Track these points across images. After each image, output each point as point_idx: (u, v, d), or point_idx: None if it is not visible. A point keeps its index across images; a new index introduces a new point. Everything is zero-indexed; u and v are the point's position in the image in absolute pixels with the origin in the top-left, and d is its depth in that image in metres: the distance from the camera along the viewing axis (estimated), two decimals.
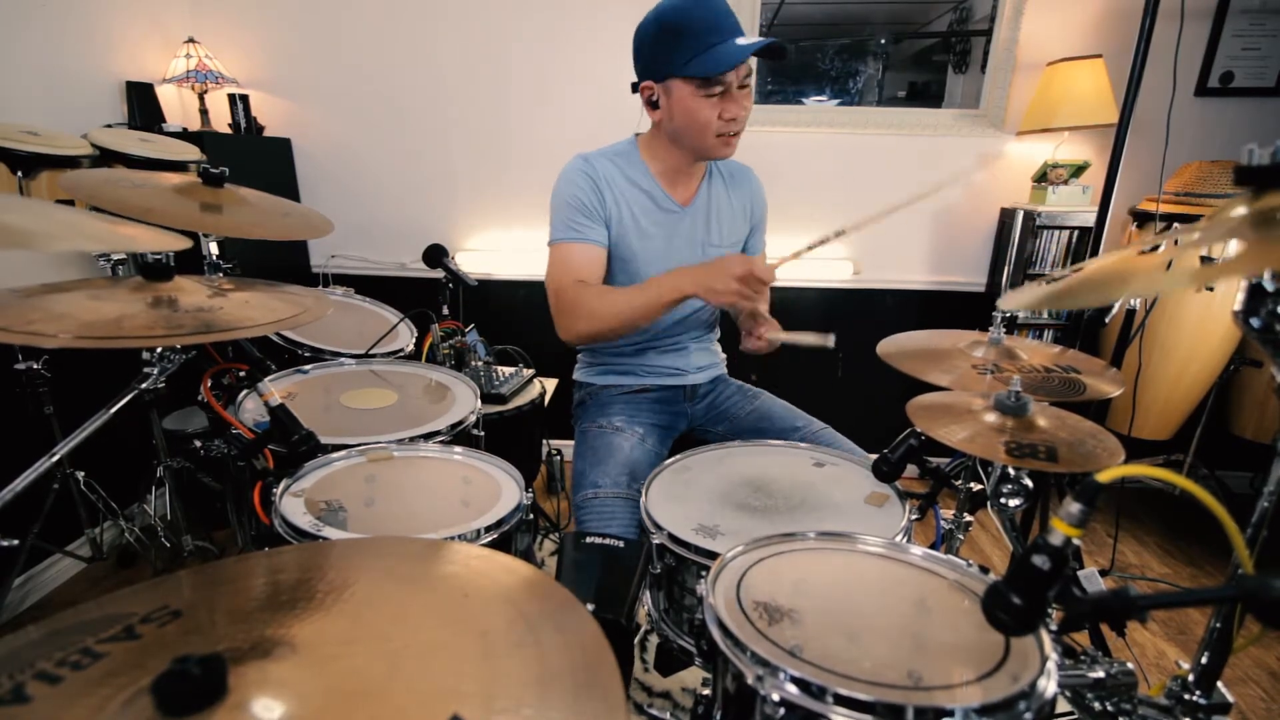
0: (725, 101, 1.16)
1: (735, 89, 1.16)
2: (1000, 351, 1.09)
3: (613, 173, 1.28)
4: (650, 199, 1.30)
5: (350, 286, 2.10)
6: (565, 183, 1.27)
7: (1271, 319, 0.56)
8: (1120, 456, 0.82)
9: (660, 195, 1.30)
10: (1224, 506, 0.50)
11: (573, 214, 1.25)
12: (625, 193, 1.28)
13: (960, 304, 2.54)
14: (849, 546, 0.79)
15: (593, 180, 1.25)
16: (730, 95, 1.16)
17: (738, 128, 1.20)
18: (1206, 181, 2.05)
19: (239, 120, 2.33)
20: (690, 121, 1.18)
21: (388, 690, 0.42)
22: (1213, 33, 2.23)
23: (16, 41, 1.81)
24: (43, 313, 0.76)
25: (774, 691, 0.56)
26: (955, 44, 2.58)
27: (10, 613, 1.75)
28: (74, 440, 0.89)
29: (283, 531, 0.85)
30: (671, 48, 1.14)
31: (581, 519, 1.14)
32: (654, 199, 1.30)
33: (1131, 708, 0.66)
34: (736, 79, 1.15)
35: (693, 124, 1.18)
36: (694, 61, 1.12)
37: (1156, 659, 1.72)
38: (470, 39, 2.38)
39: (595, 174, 1.26)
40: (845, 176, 2.47)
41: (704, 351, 1.46)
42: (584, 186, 1.25)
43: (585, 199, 1.25)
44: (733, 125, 1.19)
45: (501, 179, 2.51)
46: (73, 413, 1.55)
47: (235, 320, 0.84)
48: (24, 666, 0.43)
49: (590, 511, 1.13)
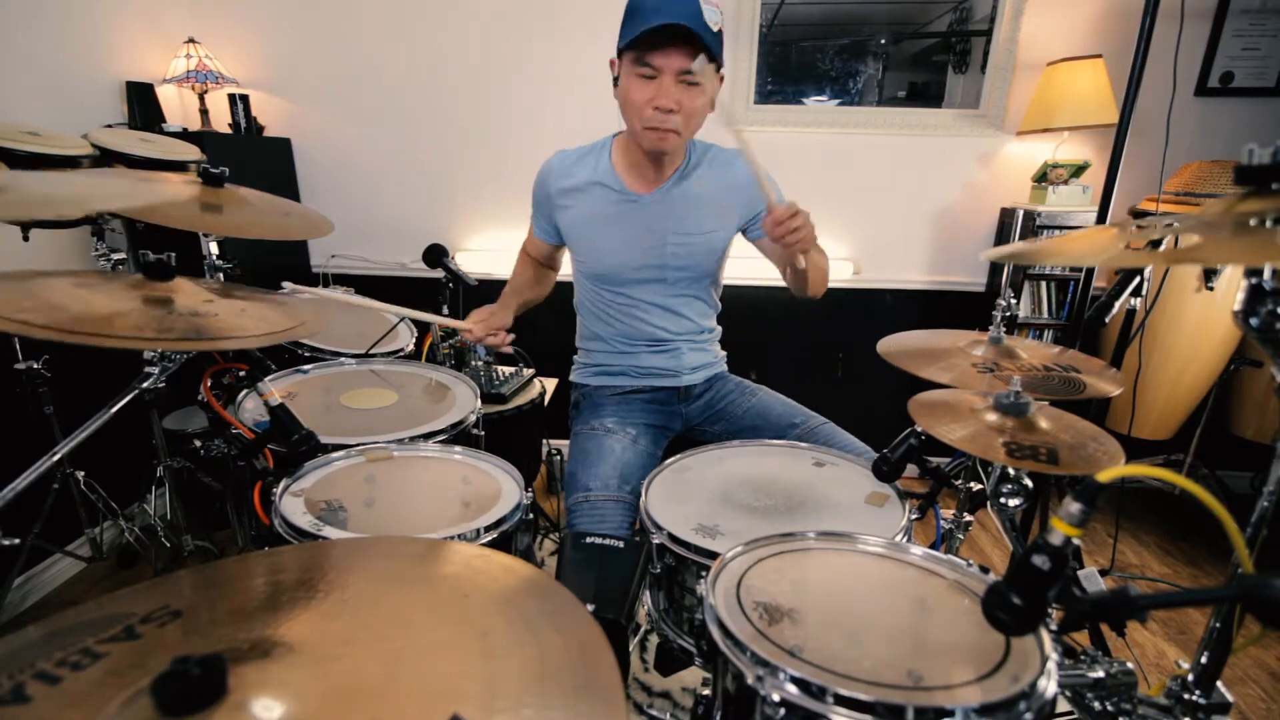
0: (658, 89, 1.16)
1: (672, 81, 1.15)
2: (1000, 351, 1.09)
3: (575, 168, 1.36)
4: (609, 189, 1.34)
5: (350, 286, 2.10)
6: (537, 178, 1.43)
7: (1271, 319, 0.56)
8: (1121, 460, 0.82)
9: (617, 185, 1.34)
10: (1224, 506, 0.50)
11: (534, 206, 1.45)
12: (581, 187, 1.35)
13: (960, 304, 2.54)
14: (849, 546, 0.79)
15: (544, 180, 1.39)
16: (662, 84, 1.15)
17: (669, 122, 1.17)
18: (1206, 181, 2.05)
19: (239, 120, 2.33)
20: (625, 99, 1.21)
21: (388, 690, 0.42)
22: (1213, 33, 2.23)
23: (16, 41, 1.81)
24: (36, 302, 0.75)
25: (774, 691, 0.56)
26: (955, 44, 2.58)
27: (10, 613, 1.75)
28: (74, 440, 0.89)
29: (283, 531, 0.85)
30: (626, 22, 1.17)
31: (573, 522, 1.14)
32: (613, 189, 1.34)
33: (1131, 708, 0.66)
34: (668, 67, 1.14)
35: (627, 102, 1.21)
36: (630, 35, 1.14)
37: (1156, 659, 1.72)
38: (471, 39, 2.38)
39: (550, 172, 1.38)
40: (845, 176, 2.47)
41: (699, 352, 1.45)
42: (536, 185, 1.42)
43: (536, 197, 1.43)
44: (661, 117, 1.17)
45: (501, 179, 2.52)
46: (73, 413, 1.55)
47: (227, 329, 0.83)
48: (24, 666, 0.43)
49: (581, 514, 1.13)
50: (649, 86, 1.16)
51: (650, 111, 1.17)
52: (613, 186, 1.33)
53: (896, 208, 2.50)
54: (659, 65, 1.14)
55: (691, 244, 1.36)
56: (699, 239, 1.37)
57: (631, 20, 1.15)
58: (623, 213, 1.34)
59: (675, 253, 1.35)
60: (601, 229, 1.35)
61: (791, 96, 2.57)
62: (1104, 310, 1.02)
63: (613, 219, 1.34)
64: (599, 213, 1.34)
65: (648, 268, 1.35)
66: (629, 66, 1.17)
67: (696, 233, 1.36)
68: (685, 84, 1.16)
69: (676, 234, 1.34)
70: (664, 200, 1.33)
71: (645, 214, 1.33)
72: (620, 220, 1.34)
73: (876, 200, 2.50)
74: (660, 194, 1.33)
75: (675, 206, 1.34)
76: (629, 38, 1.14)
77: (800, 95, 2.58)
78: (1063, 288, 2.37)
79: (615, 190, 1.33)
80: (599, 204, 1.34)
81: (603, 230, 1.35)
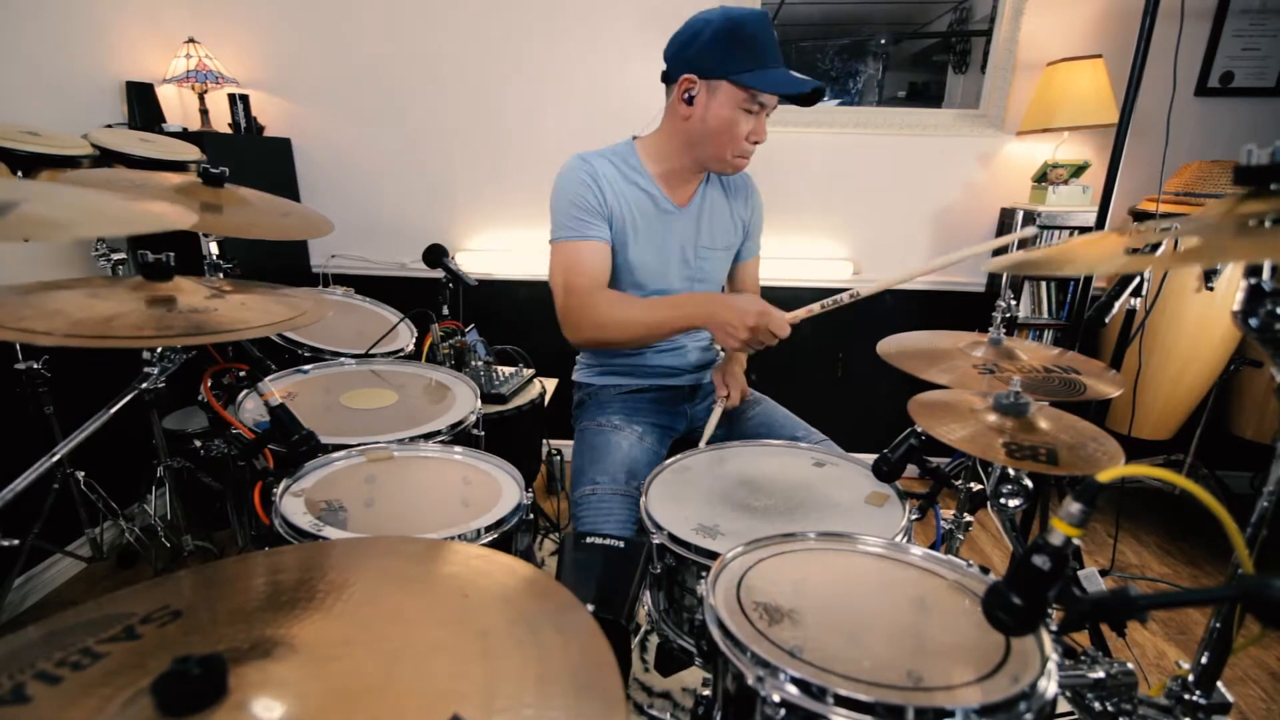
0: (756, 123, 1.20)
1: (765, 115, 1.20)
2: (1000, 352, 1.09)
3: (612, 172, 1.27)
4: (649, 199, 1.30)
5: (350, 286, 2.10)
6: (567, 181, 1.26)
7: (1271, 319, 0.56)
8: (1121, 460, 0.82)
9: (659, 196, 1.30)
10: (1224, 506, 0.50)
11: (577, 211, 1.24)
12: (624, 191, 1.28)
13: (960, 304, 2.54)
14: (849, 547, 0.79)
15: (593, 179, 1.25)
16: (761, 120, 1.20)
17: (752, 151, 1.24)
18: (1206, 181, 2.05)
19: (239, 120, 2.33)
20: (722, 128, 1.19)
21: (387, 690, 0.42)
22: (1213, 33, 2.23)
23: (17, 41, 1.81)
24: (36, 310, 0.76)
25: (774, 692, 0.56)
26: (955, 44, 2.58)
27: (10, 613, 1.75)
28: (74, 440, 0.89)
29: (283, 531, 0.85)
30: (735, 50, 1.14)
31: (578, 515, 1.14)
32: (653, 199, 1.30)
33: (1131, 708, 0.66)
34: (771, 105, 1.19)
35: (723, 131, 1.19)
36: (756, 73, 1.14)
37: (1156, 659, 1.72)
38: (471, 39, 2.38)
39: (595, 173, 1.25)
40: (845, 176, 2.47)
41: (704, 352, 1.47)
42: (587, 183, 1.24)
43: (589, 196, 1.24)
44: (752, 148, 1.23)
45: (501, 179, 2.51)
46: (73, 413, 1.55)
47: (228, 322, 0.84)
48: (24, 666, 0.43)
49: (587, 508, 1.13)
50: (750, 120, 1.19)
51: (747, 144, 1.21)
52: (654, 195, 1.31)
53: (896, 208, 2.50)
54: (767, 103, 1.18)
55: (714, 257, 1.39)
56: (721, 252, 1.40)
57: (743, 52, 1.14)
58: (662, 224, 1.32)
59: (700, 265, 1.37)
60: (641, 238, 1.30)
61: None
62: (1104, 310, 1.02)
63: (652, 229, 1.31)
64: (641, 222, 1.30)
65: (675, 278, 1.35)
66: (736, 96, 1.16)
67: (720, 246, 1.39)
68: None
69: (704, 247, 1.36)
70: (696, 213, 1.34)
71: (680, 226, 1.33)
72: (658, 231, 1.31)
73: (876, 200, 2.50)
74: (692, 207, 1.34)
75: (704, 220, 1.35)
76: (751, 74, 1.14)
77: None
78: (1062, 288, 2.37)
79: (656, 199, 1.31)
80: (641, 212, 1.29)
81: (642, 239, 1.30)
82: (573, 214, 1.24)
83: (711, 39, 1.16)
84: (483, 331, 1.85)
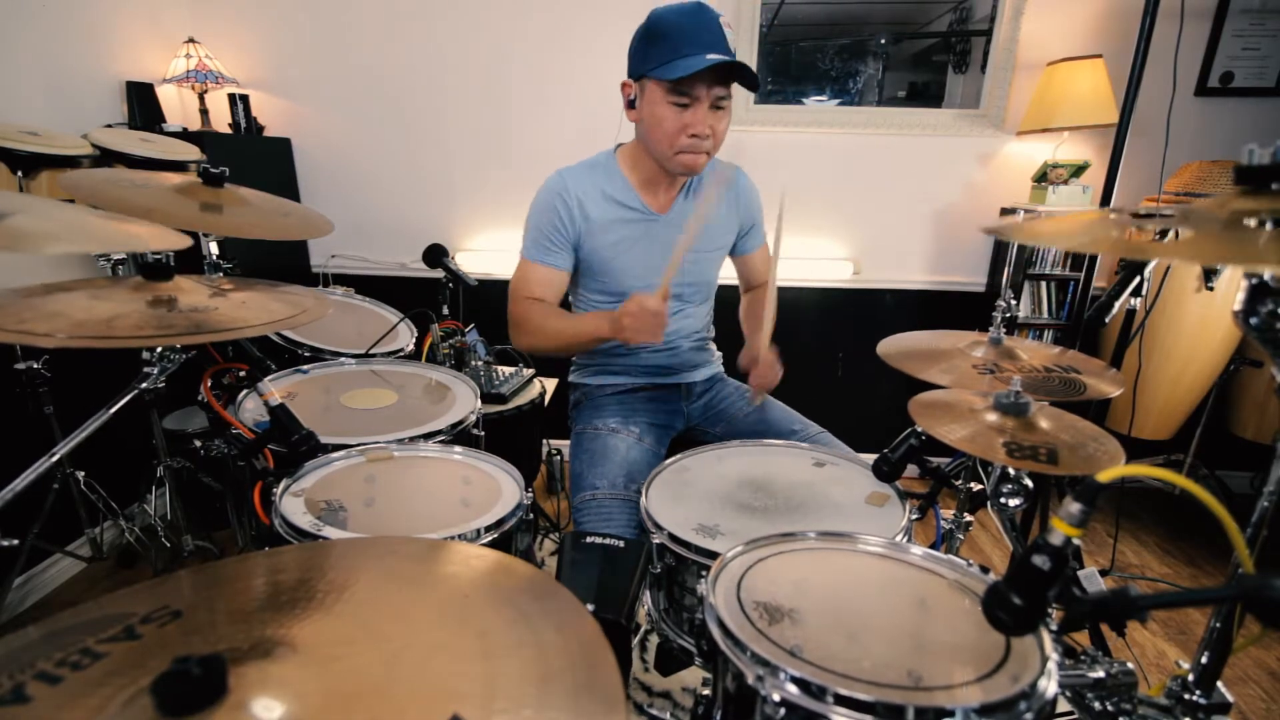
0: (692, 115, 1.16)
1: (707, 107, 1.16)
2: (1000, 352, 1.09)
3: (587, 187, 1.28)
4: (626, 208, 1.30)
5: (350, 286, 2.10)
6: (539, 203, 1.30)
7: (1271, 319, 0.56)
8: (1121, 460, 0.82)
9: (637, 204, 1.30)
10: (1224, 506, 0.50)
11: (541, 236, 1.29)
12: (598, 206, 1.28)
13: (960, 304, 2.54)
14: (849, 546, 0.79)
15: (564, 201, 1.27)
16: (697, 110, 1.16)
17: (703, 146, 1.19)
18: (1206, 181, 2.05)
19: (239, 120, 2.33)
20: (655, 126, 1.19)
21: (388, 690, 0.42)
22: (1213, 33, 2.23)
23: (17, 41, 1.81)
24: (36, 312, 0.76)
25: (774, 691, 0.56)
26: (955, 44, 2.59)
27: (10, 613, 1.75)
28: (74, 440, 0.89)
29: (283, 531, 0.85)
30: (650, 47, 1.15)
31: (580, 520, 1.14)
32: (630, 208, 1.30)
33: (1131, 708, 0.66)
34: (708, 96, 1.15)
35: (656, 129, 1.19)
36: (665, 65, 1.12)
37: (1156, 659, 1.72)
38: (471, 39, 2.38)
39: (568, 193, 1.27)
40: (845, 176, 2.47)
41: (698, 351, 1.46)
42: (556, 208, 1.27)
43: (556, 221, 1.27)
44: (696, 142, 1.18)
45: (501, 179, 2.51)
46: (73, 413, 1.54)
47: (228, 321, 0.84)
48: (24, 666, 0.43)
49: (588, 513, 1.13)
50: (683, 114, 1.16)
51: (685, 139, 1.17)
52: (633, 205, 1.30)
53: (896, 208, 2.50)
54: (698, 95, 1.14)
55: (704, 259, 1.38)
56: (711, 255, 1.40)
57: (658, 46, 1.13)
58: (645, 233, 1.31)
59: (690, 269, 1.36)
60: (626, 251, 1.31)
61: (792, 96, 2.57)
62: (1104, 310, 1.02)
63: (636, 240, 1.31)
64: (623, 233, 1.30)
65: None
66: (660, 94, 1.15)
67: (709, 249, 1.38)
68: (716, 108, 1.17)
69: (692, 251, 1.34)
70: (679, 218, 1.33)
71: (664, 232, 1.32)
72: (642, 241, 1.31)
73: (876, 200, 2.50)
74: (675, 212, 1.33)
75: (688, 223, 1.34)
76: (661, 66, 1.12)
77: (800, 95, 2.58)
78: (1062, 288, 2.37)
79: (636, 209, 1.30)
80: (621, 224, 1.30)
81: (628, 252, 1.31)
82: (536, 237, 1.30)
83: (636, 40, 1.18)
84: (483, 331, 1.85)
